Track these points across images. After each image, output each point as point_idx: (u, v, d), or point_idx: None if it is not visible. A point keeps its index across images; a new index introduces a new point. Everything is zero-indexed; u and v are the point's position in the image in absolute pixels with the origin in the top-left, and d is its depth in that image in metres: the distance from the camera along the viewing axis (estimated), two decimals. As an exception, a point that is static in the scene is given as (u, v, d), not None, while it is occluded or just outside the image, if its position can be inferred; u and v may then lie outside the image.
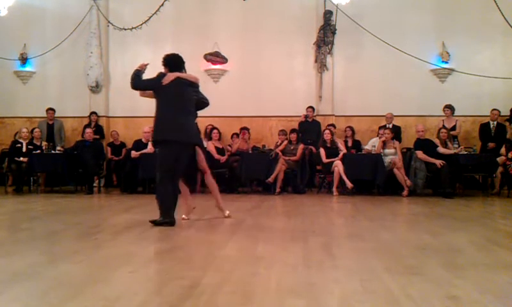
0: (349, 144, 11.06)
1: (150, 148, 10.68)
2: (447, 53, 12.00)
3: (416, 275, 3.52)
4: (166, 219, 5.68)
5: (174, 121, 5.70)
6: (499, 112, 11.25)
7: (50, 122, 12.26)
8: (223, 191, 10.59)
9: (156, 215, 5.79)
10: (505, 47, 11.99)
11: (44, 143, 11.19)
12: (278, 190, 10.29)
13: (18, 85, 13.12)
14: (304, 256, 4.24)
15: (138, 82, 5.84)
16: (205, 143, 8.33)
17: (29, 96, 12.98)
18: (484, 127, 11.35)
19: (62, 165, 10.53)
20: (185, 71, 6.04)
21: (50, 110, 12.22)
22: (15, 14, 12.05)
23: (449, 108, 11.25)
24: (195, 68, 12.34)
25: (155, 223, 5.69)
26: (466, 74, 11.79)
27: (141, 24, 12.19)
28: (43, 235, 5.38)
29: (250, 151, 11.16)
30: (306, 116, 11.64)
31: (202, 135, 11.30)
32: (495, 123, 11.24)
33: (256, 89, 12.33)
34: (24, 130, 11.38)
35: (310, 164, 11.01)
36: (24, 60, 12.92)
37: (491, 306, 2.88)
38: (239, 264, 3.99)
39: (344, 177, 9.88)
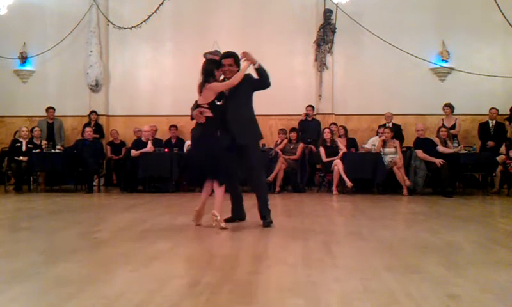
0: (343, 143, 11.09)
1: (150, 147, 10.69)
2: (447, 52, 12.00)
3: (416, 274, 3.52)
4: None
5: None
6: (497, 111, 11.25)
7: (50, 121, 12.24)
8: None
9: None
10: (505, 46, 11.99)
11: (44, 142, 11.18)
12: (277, 189, 10.30)
13: (18, 84, 13.10)
14: (304, 255, 4.24)
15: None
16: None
17: (29, 95, 12.96)
18: (483, 126, 11.35)
19: (62, 164, 10.53)
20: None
21: (51, 109, 12.19)
22: (15, 13, 12.04)
23: (449, 107, 11.24)
24: (195, 67, 12.36)
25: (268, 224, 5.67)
26: (465, 73, 11.79)
27: (141, 23, 12.18)
28: (43, 234, 5.38)
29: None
30: (306, 115, 11.63)
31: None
32: (494, 121, 11.24)
33: (255, 87, 12.29)
34: (24, 129, 11.36)
35: (310, 162, 11.01)
36: (23, 59, 12.90)
37: (491, 304, 2.89)
38: (238, 263, 3.99)
39: (344, 176, 9.88)
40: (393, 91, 12.03)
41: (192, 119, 5.80)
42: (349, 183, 9.82)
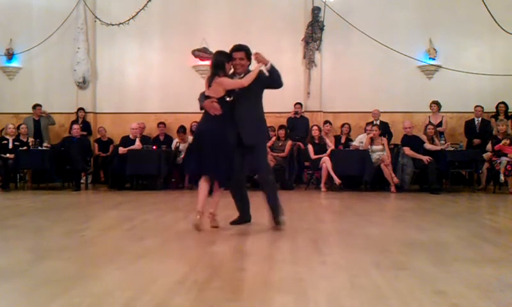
0: (343, 140, 11.14)
1: (137, 144, 10.64)
2: (434, 50, 12.07)
3: (403, 271, 3.55)
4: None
5: None
6: (482, 108, 11.33)
7: (37, 118, 12.10)
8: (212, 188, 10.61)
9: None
10: (492, 44, 12.07)
11: (31, 139, 11.07)
12: (266, 186, 10.28)
13: (5, 81, 12.96)
14: (292, 251, 4.25)
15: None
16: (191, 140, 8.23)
17: (16, 92, 12.83)
18: (469, 124, 11.44)
19: (49, 161, 10.45)
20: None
21: (38, 106, 12.04)
22: (1, 9, 11.92)
23: (436, 104, 11.30)
24: (183, 64, 12.35)
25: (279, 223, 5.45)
26: (453, 71, 11.86)
27: (129, 20, 12.11)
28: (31, 232, 5.34)
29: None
30: (296, 112, 11.65)
31: (188, 132, 11.29)
32: (480, 119, 11.32)
33: (244, 85, 12.28)
34: (10, 126, 11.23)
35: (298, 160, 11.03)
36: (10, 55, 12.75)
37: (477, 300, 2.91)
38: (227, 260, 3.99)
39: (332, 173, 9.91)
40: (381, 88, 12.08)
41: (201, 109, 5.43)
42: (337, 181, 9.86)
